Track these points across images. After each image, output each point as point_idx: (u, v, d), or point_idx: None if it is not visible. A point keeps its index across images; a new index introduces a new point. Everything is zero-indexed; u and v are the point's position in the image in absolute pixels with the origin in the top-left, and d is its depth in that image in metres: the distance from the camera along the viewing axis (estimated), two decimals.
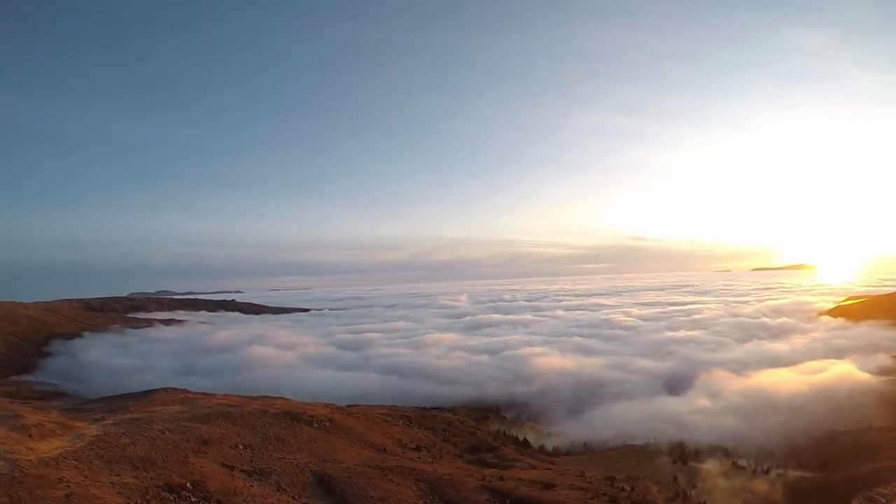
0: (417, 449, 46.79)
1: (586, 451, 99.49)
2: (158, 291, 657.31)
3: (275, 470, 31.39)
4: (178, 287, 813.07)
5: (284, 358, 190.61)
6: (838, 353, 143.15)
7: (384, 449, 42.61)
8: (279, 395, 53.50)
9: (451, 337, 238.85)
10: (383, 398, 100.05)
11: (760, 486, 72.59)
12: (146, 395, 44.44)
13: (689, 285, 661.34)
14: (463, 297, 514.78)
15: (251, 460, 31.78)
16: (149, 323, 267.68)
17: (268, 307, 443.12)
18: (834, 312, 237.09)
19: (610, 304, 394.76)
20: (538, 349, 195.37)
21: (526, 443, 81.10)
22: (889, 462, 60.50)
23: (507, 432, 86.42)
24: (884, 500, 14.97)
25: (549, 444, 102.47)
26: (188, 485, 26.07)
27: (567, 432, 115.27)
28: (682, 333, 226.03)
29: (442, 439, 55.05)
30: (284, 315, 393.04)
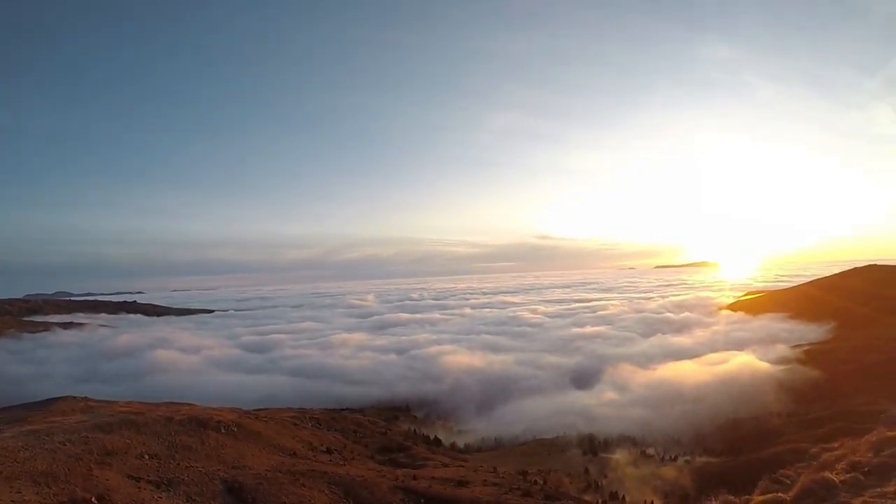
0: (328, 451, 48.25)
1: (498, 447, 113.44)
2: (56, 293, 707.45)
3: (183, 479, 31.05)
4: (76, 288, 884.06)
5: (189, 362, 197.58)
6: (739, 345, 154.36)
7: (295, 453, 43.35)
8: (185, 401, 52.29)
9: (358, 337, 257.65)
10: (292, 401, 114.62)
11: (669, 472, 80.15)
12: (45, 405, 43.00)
13: (594, 283, 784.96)
14: (370, 297, 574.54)
15: (158, 470, 31.15)
16: (46, 327, 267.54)
17: (171, 308, 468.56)
18: (734, 307, 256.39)
19: (517, 301, 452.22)
20: (447, 347, 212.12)
21: (437, 441, 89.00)
22: (791, 445, 65.94)
23: (417, 431, 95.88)
24: (788, 482, 15.20)
25: (461, 442, 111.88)
26: (93, 499, 25.29)
27: (478, 429, 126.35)
28: (588, 329, 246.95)
29: (353, 441, 57.33)
30: (188, 317, 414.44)
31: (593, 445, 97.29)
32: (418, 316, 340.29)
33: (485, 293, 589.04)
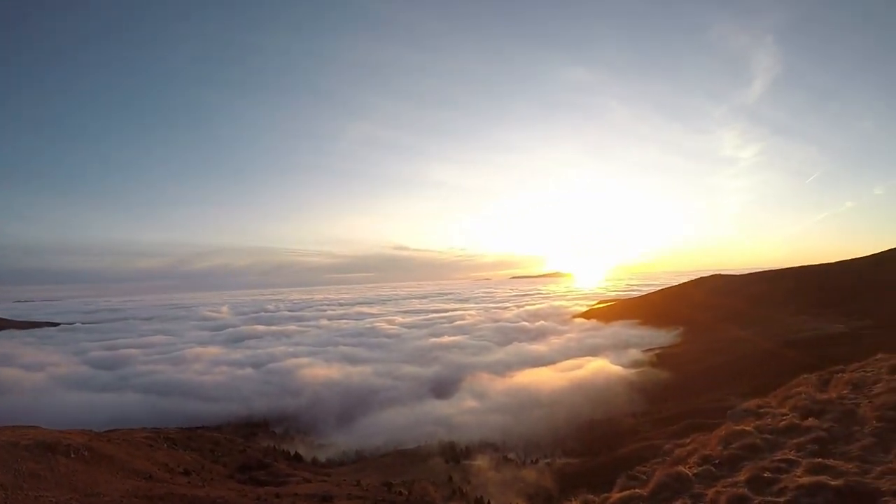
0: (186, 473, 46.64)
1: (360, 460, 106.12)
2: None
3: None
4: None
5: (33, 380, 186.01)
6: (593, 351, 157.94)
7: (151, 476, 41.68)
8: (30, 424, 48.41)
9: (213, 351, 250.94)
10: (145, 420, 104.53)
11: (530, 475, 77.16)
12: None
13: (450, 293, 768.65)
14: (225, 309, 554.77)
15: (5, 502, 28.61)
16: None
17: (13, 321, 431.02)
18: (587, 315, 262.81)
19: (374, 312, 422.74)
20: (304, 360, 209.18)
21: (298, 457, 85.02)
22: (646, 442, 68.37)
23: (277, 447, 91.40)
24: (645, 477, 16.05)
25: (322, 456, 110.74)
26: None
27: (339, 442, 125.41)
28: (446, 339, 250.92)
29: (211, 460, 55.58)
30: (31, 330, 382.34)
31: (455, 453, 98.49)
32: (274, 328, 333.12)
33: (342, 304, 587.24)
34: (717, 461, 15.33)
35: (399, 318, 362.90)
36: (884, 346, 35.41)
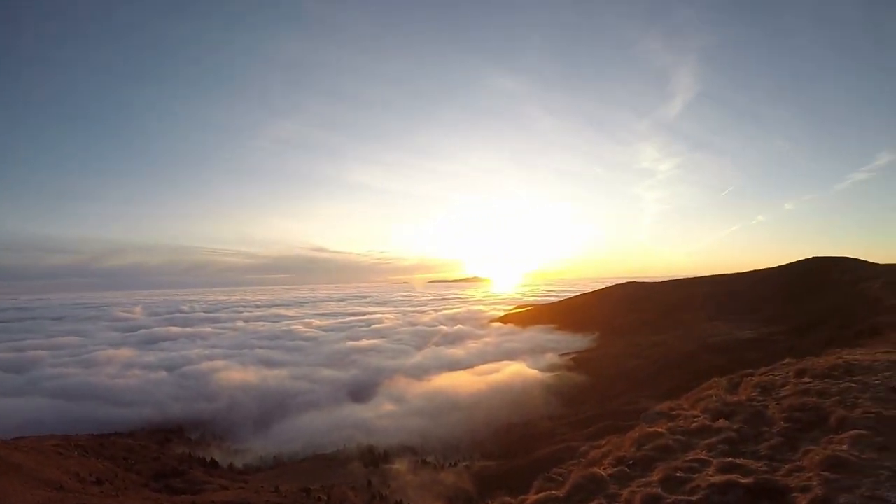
0: (98, 482, 45.59)
1: (278, 465, 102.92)
2: None
3: None
4: None
5: None
6: (510, 355, 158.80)
7: (62, 486, 40.89)
8: None
9: (125, 353, 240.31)
10: (54, 426, 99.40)
11: (449, 477, 77.00)
12: None
13: (369, 296, 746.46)
14: (138, 309, 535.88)
15: None
16: None
17: None
18: (504, 319, 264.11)
19: (291, 314, 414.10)
20: (219, 363, 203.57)
21: (214, 463, 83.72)
22: (563, 444, 69.05)
23: (193, 454, 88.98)
24: (561, 479, 16.40)
25: (239, 462, 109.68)
26: None
27: (256, 448, 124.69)
28: (363, 343, 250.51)
29: (124, 469, 54.44)
30: None
31: (374, 457, 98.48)
32: (189, 330, 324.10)
33: (258, 306, 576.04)
34: (631, 462, 15.75)
35: (316, 321, 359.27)
36: (791, 351, 37.06)
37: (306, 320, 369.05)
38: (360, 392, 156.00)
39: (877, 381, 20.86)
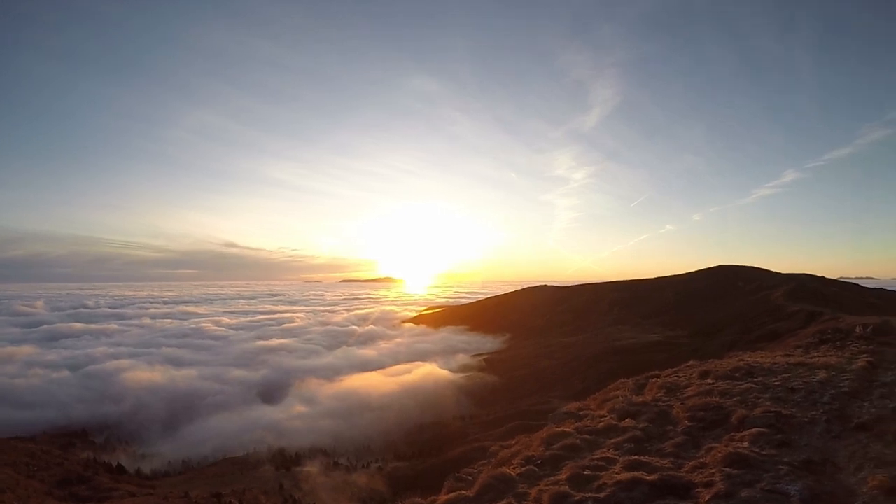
0: None
1: (187, 470, 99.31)
2: None
3: None
4: None
5: None
6: (422, 356, 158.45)
7: None
8: None
9: (26, 350, 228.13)
10: None
11: (361, 479, 76.21)
12: None
13: (280, 294, 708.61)
14: (40, 303, 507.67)
15: None
16: None
17: None
18: (416, 320, 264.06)
19: (200, 312, 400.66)
20: (126, 362, 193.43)
21: (121, 468, 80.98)
22: (474, 444, 68.83)
23: (98, 459, 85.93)
24: (471, 479, 16.54)
25: (147, 467, 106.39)
26: None
27: (164, 452, 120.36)
28: (274, 342, 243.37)
29: (26, 475, 52.92)
30: None
31: (285, 459, 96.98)
32: (94, 326, 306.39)
33: (166, 302, 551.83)
34: (539, 461, 15.91)
35: (226, 319, 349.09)
36: (695, 353, 38.22)
37: (216, 318, 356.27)
38: (271, 393, 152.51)
39: (776, 382, 21.69)
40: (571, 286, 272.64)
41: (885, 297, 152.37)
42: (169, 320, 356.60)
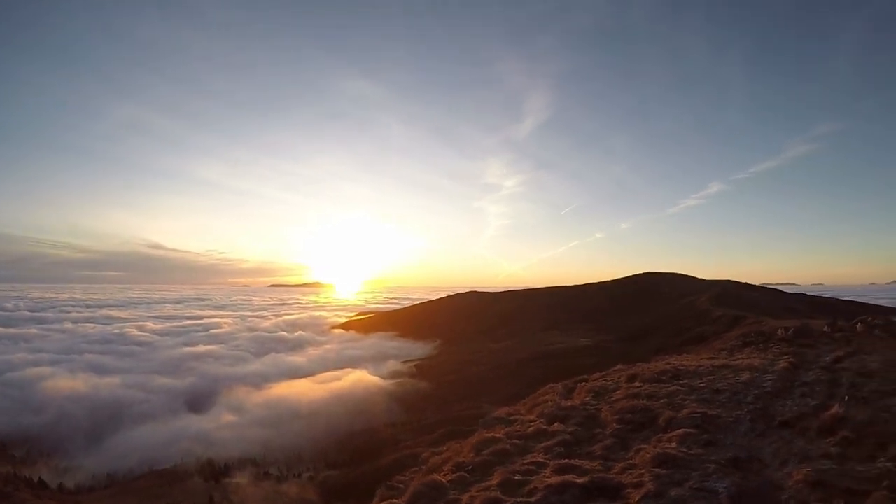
0: None
1: (112, 484, 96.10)
2: None
3: None
4: None
5: None
6: (352, 363, 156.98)
7: None
8: None
9: None
10: None
11: (292, 489, 76.20)
12: None
13: (207, 299, 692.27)
14: None
15: None
16: None
17: None
18: (346, 326, 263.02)
19: (124, 316, 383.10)
20: (46, 370, 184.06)
21: (43, 483, 78.36)
22: (406, 451, 68.24)
23: (18, 473, 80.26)
24: (402, 486, 16.47)
25: (70, 482, 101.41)
26: None
27: (88, 465, 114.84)
28: (200, 349, 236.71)
29: None
30: None
31: (214, 470, 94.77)
32: (12, 331, 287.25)
33: (89, 306, 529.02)
34: (470, 467, 15.88)
35: (151, 325, 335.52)
36: (623, 358, 38.82)
37: (140, 323, 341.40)
38: (198, 402, 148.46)
39: (702, 384, 22.19)
40: (501, 292, 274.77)
41: (805, 302, 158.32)
42: (92, 325, 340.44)
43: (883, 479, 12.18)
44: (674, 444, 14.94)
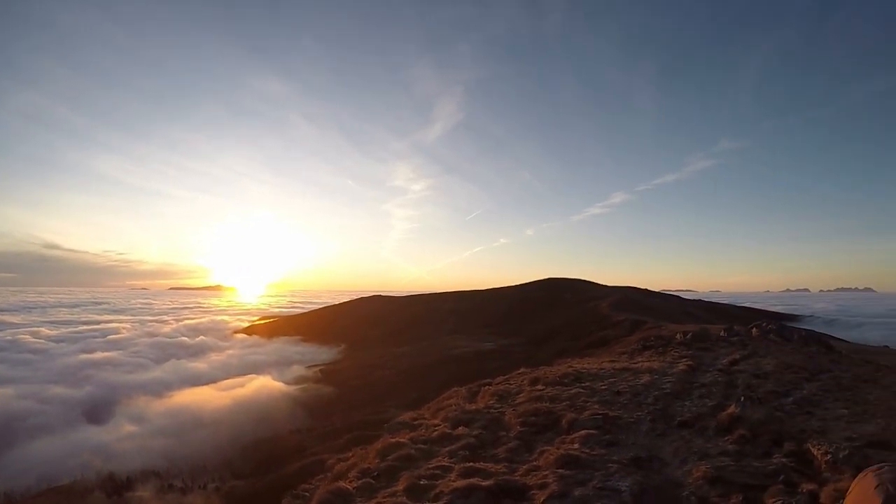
0: None
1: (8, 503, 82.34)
2: None
3: None
4: None
5: None
6: (256, 368, 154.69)
7: None
8: None
9: None
10: None
11: (197, 500, 72.04)
12: None
13: (104, 302, 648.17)
14: None
15: None
16: None
17: None
18: (249, 330, 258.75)
19: (17, 322, 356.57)
20: None
21: None
22: (312, 458, 67.22)
23: None
24: (308, 495, 16.34)
25: None
26: None
27: None
28: (98, 355, 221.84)
29: None
30: None
31: (116, 485, 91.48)
32: None
33: None
34: (375, 473, 15.80)
35: (46, 330, 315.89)
36: (526, 361, 39.36)
37: (34, 329, 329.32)
38: (97, 412, 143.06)
39: (603, 386, 22.74)
40: (407, 296, 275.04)
41: (703, 308, 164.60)
42: None
43: (779, 473, 12.88)
44: (577, 446, 15.21)
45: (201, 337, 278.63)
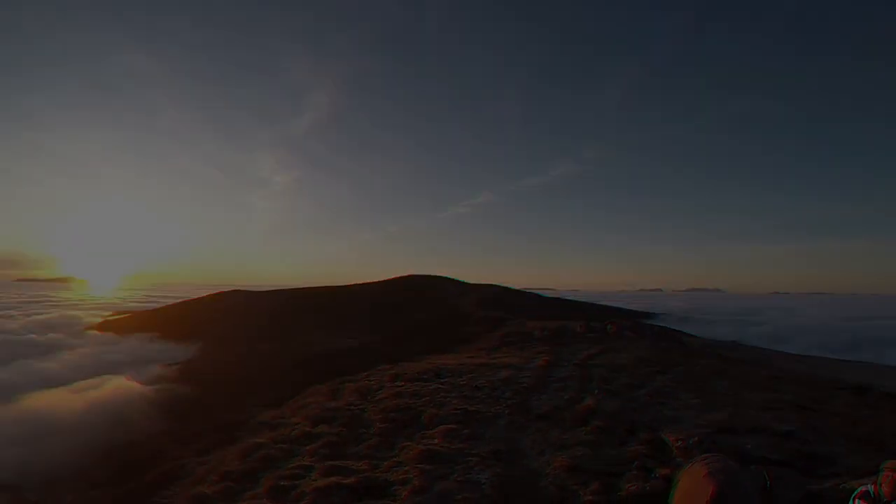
0: None
1: None
2: None
3: None
4: None
5: None
6: (111, 368, 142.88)
7: None
8: None
9: None
10: None
11: None
12: None
13: None
14: None
15: None
16: None
17: None
18: (102, 327, 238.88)
19: None
20: None
21: None
22: (173, 462, 63.13)
23: None
24: (167, 503, 15.80)
25: None
26: None
27: None
28: None
29: None
30: None
31: None
32: None
33: None
34: (236, 475, 15.49)
35: None
36: (387, 358, 39.40)
37: None
38: None
39: (463, 382, 23.09)
40: (267, 291, 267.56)
41: (561, 305, 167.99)
42: None
43: (634, 459, 13.84)
44: (437, 440, 15.43)
45: (52, 334, 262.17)
